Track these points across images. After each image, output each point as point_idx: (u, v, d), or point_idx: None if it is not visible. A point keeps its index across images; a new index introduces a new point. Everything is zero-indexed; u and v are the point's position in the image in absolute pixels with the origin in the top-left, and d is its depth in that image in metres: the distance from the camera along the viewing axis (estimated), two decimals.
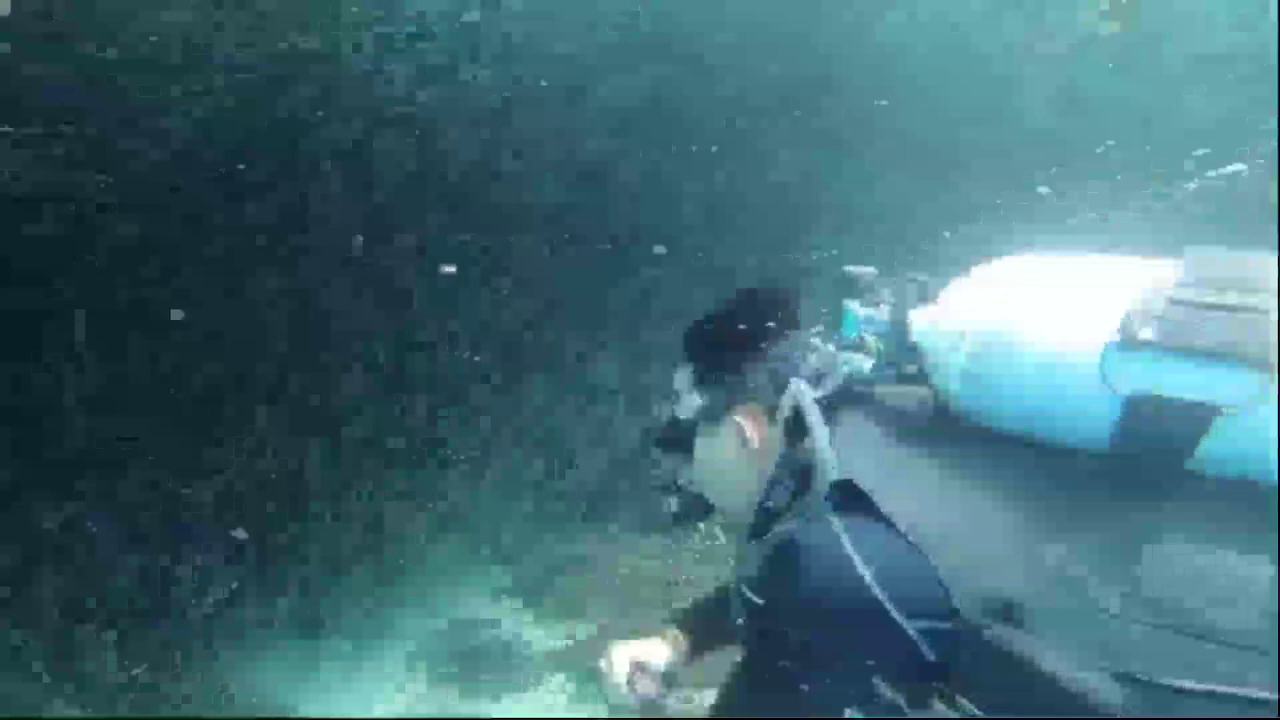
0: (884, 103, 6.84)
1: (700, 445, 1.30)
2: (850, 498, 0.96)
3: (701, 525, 4.93)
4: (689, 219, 6.77)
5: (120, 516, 4.33)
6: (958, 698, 0.88)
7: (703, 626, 1.56)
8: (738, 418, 1.22)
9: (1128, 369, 0.88)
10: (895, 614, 0.89)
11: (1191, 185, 6.79)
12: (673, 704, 1.44)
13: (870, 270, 1.23)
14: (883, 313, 1.15)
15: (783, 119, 6.80)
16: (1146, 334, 0.87)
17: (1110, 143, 7.11)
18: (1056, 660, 0.82)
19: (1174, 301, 0.88)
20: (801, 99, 6.76)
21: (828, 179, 7.11)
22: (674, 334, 1.36)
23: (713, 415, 1.26)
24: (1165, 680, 0.80)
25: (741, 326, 1.27)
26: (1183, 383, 0.86)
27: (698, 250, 6.60)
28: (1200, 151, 6.67)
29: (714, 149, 6.77)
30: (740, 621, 1.06)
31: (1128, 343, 0.88)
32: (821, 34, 6.60)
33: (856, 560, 0.91)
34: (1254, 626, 0.80)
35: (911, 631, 0.89)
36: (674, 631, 1.56)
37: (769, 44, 6.49)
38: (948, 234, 6.51)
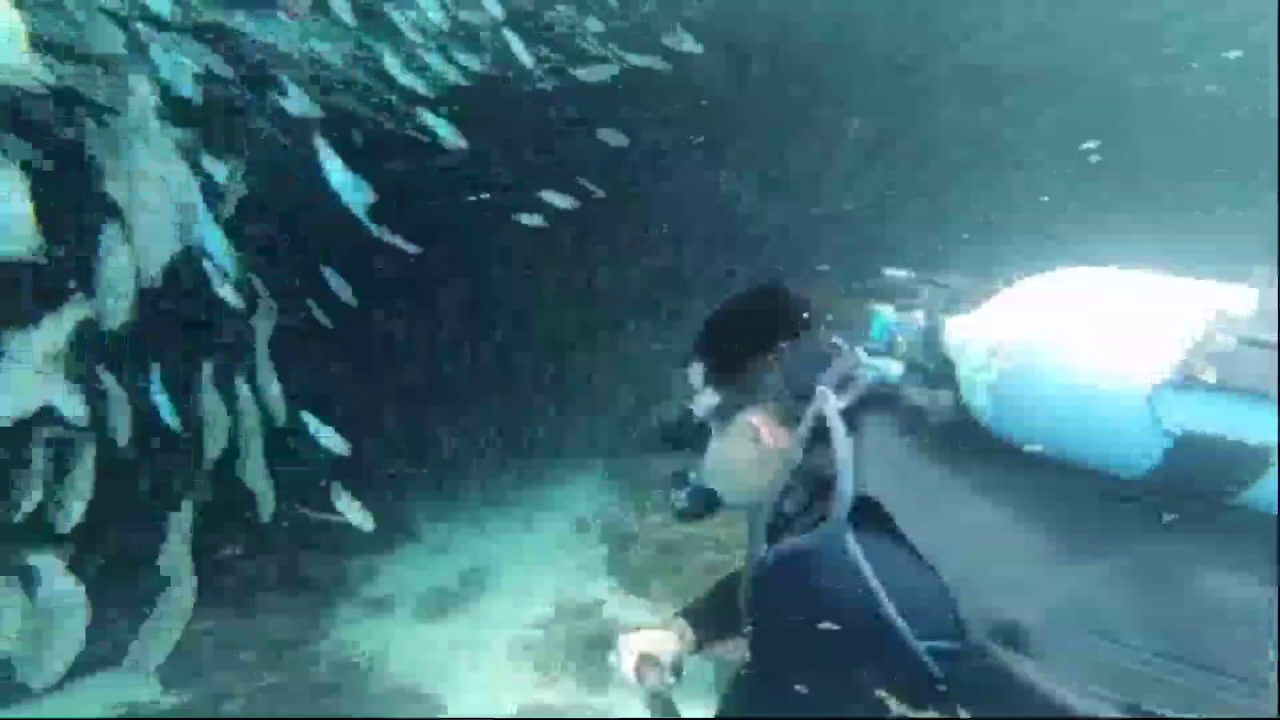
0: None
1: (713, 443, 1.29)
2: (867, 511, 0.95)
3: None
4: None
5: None
6: (960, 712, 0.89)
7: (710, 619, 1.58)
8: (752, 419, 1.21)
9: (1182, 408, 0.84)
10: (905, 632, 0.89)
11: None
12: (680, 694, 1.45)
13: (907, 273, 1.19)
14: (915, 318, 1.12)
15: None
16: (1207, 373, 0.83)
17: None
18: (1059, 686, 0.81)
19: (1240, 338, 0.83)
20: None
21: None
22: None
23: (726, 414, 1.25)
24: (1170, 714, 0.78)
25: (756, 325, 1.25)
26: (1241, 425, 0.82)
27: None
28: None
29: None
30: (749, 628, 1.07)
31: (1189, 381, 0.83)
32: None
33: (869, 576, 0.91)
34: (1268, 663, 0.78)
35: (920, 650, 0.88)
36: (682, 624, 1.58)
37: None
38: None
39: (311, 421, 3.24)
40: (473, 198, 5.19)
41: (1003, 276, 1.07)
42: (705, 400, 1.27)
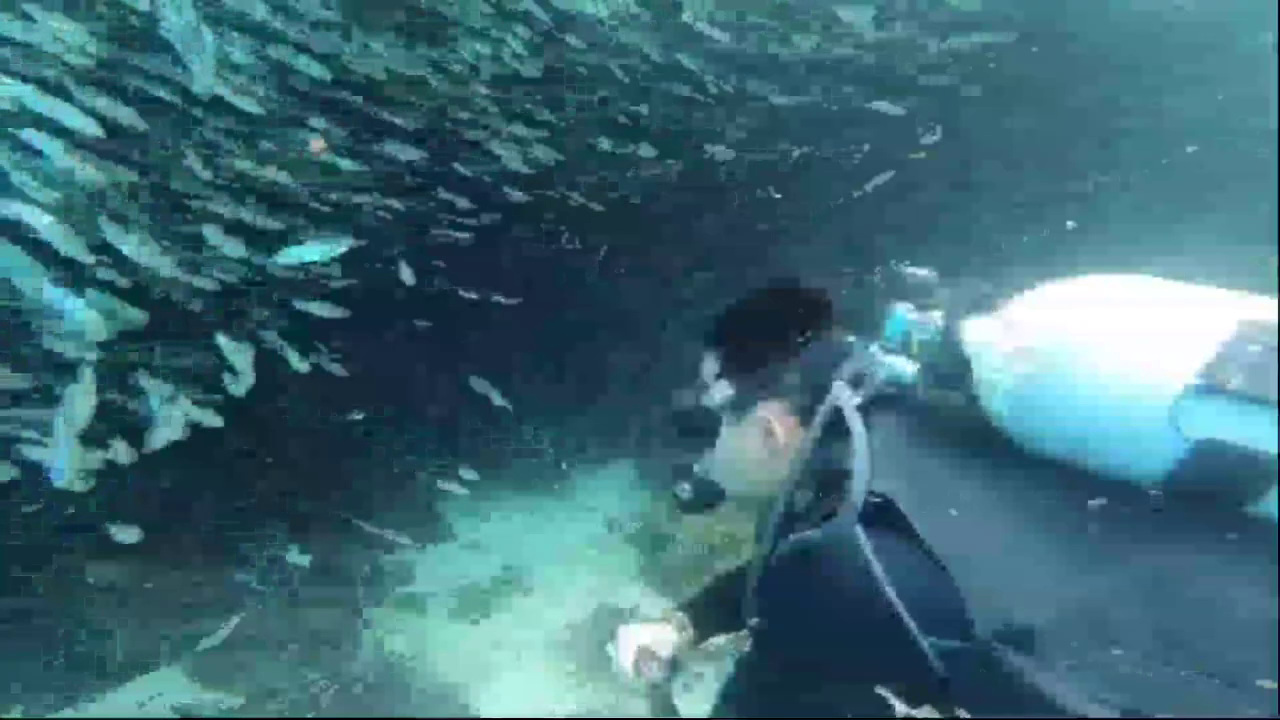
0: None
1: (724, 436, 1.28)
2: (878, 508, 0.95)
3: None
4: None
5: None
6: (958, 712, 0.89)
7: (710, 613, 1.58)
8: (766, 413, 1.21)
9: (1204, 414, 0.84)
10: (913, 629, 0.88)
11: None
12: (678, 689, 1.46)
13: (929, 272, 1.19)
14: (934, 319, 1.12)
15: None
16: (1231, 381, 0.82)
17: None
18: (1063, 691, 0.80)
19: (1266, 347, 0.83)
20: None
21: None
22: None
23: (740, 408, 1.24)
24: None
25: (773, 320, 1.25)
26: (1261, 434, 0.82)
27: None
28: None
29: None
30: (753, 623, 1.07)
31: (1212, 387, 0.83)
32: None
33: (879, 572, 0.90)
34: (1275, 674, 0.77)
35: (927, 648, 0.88)
36: (681, 617, 1.58)
37: None
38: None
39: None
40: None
41: (1024, 280, 1.06)
42: (719, 393, 1.26)
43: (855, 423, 1.04)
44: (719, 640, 1.58)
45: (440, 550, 5.61)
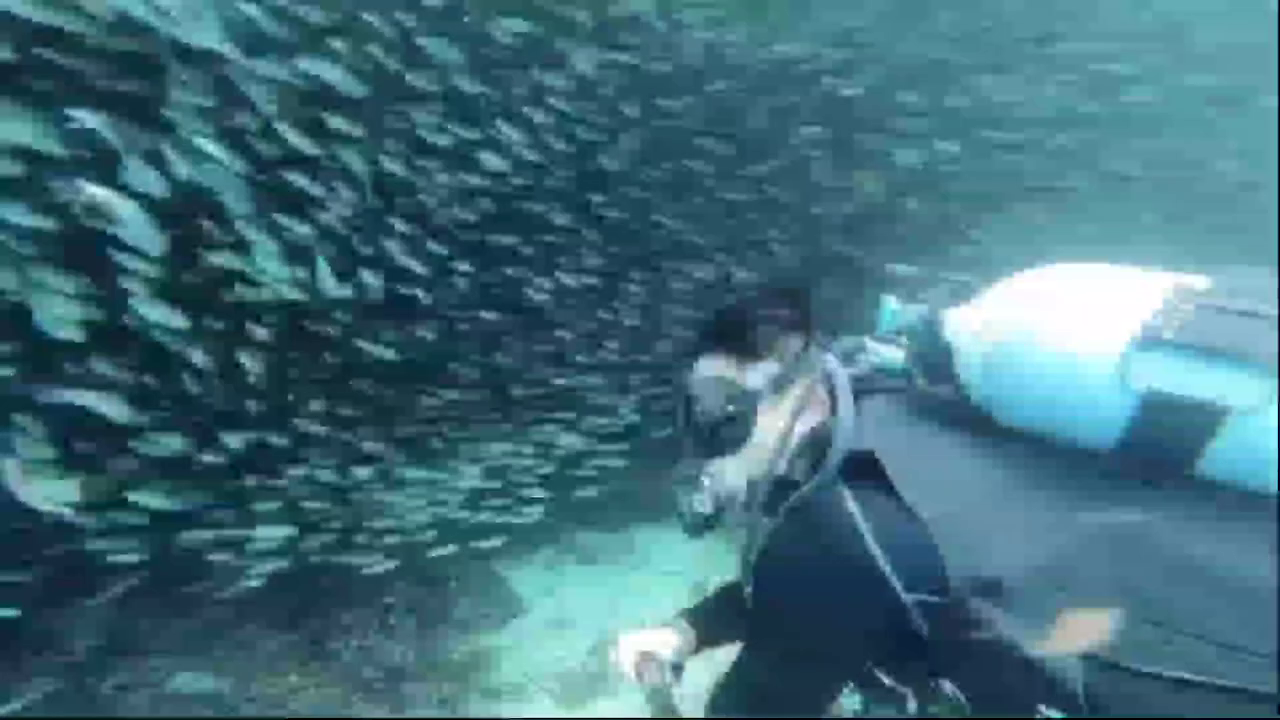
0: None
1: (763, 420, 1.24)
2: (866, 471, 1.03)
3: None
4: None
5: None
6: (941, 680, 0.96)
7: (711, 619, 1.61)
8: (804, 387, 1.23)
9: (1145, 366, 0.92)
10: (893, 580, 0.95)
11: None
12: (678, 692, 1.46)
13: (915, 270, 1.28)
14: (919, 310, 1.21)
15: None
16: (1167, 332, 0.91)
17: None
18: (1028, 639, 0.88)
19: (1199, 306, 0.92)
20: None
21: None
22: None
23: (780, 386, 1.23)
24: (1135, 666, 0.84)
25: (801, 308, 1.28)
26: (1197, 382, 0.89)
27: None
28: None
29: None
30: (748, 589, 1.13)
31: (1148, 340, 0.92)
32: None
33: (861, 525, 0.98)
34: (1238, 624, 0.84)
35: (906, 600, 0.95)
36: (682, 623, 1.61)
37: None
38: None
39: None
40: None
41: (1002, 274, 1.15)
42: (765, 369, 1.25)
43: (843, 388, 1.15)
44: (722, 645, 1.61)
45: (523, 630, 5.53)
